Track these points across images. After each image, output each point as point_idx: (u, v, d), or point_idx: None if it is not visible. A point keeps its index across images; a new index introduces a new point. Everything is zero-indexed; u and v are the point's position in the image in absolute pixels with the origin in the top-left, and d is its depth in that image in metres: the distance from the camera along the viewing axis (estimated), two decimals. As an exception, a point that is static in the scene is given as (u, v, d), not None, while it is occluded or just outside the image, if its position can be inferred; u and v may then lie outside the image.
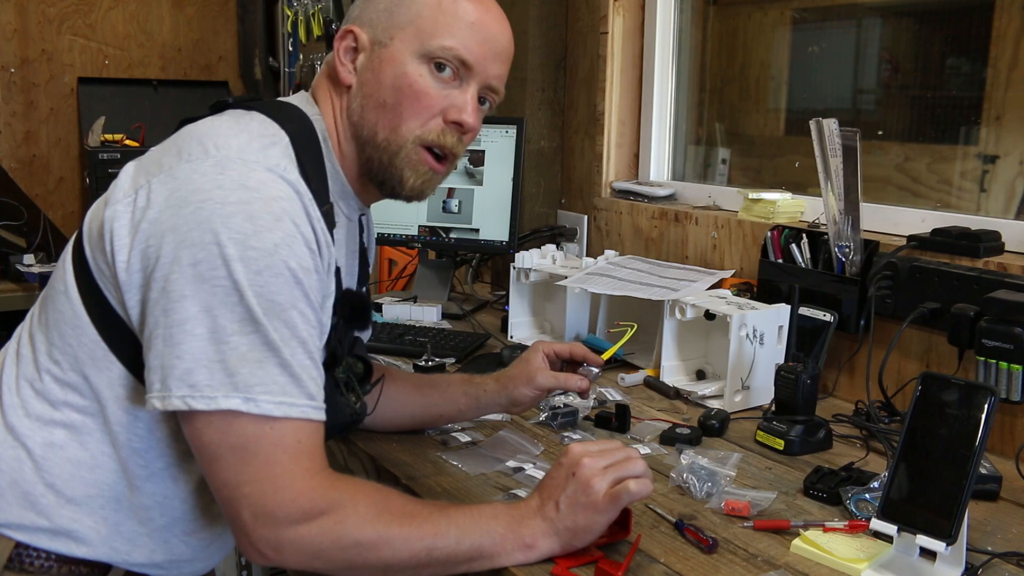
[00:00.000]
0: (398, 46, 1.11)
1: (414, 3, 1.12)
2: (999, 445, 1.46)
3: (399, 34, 1.11)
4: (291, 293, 0.96)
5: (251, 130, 1.03)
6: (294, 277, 0.96)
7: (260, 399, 0.94)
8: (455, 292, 2.47)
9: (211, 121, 1.05)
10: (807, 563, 1.09)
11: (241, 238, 0.93)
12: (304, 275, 0.98)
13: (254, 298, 0.94)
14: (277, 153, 1.01)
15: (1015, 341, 1.35)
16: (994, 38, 1.82)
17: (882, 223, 1.79)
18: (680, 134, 2.42)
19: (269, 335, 0.94)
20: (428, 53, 1.10)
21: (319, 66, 3.85)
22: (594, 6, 2.36)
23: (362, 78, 1.13)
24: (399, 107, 1.11)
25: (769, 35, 2.40)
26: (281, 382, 0.95)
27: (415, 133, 1.12)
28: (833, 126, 1.58)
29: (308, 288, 0.98)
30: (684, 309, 1.69)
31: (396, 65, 1.11)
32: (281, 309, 0.95)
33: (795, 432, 1.44)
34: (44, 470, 1.04)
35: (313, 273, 0.99)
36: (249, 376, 0.94)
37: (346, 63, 1.13)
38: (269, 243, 0.94)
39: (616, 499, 1.03)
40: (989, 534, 1.19)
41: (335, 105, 1.15)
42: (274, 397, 0.95)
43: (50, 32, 4.01)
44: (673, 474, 1.30)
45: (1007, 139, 1.84)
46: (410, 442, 1.44)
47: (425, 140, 1.12)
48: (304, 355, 0.97)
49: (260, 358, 0.94)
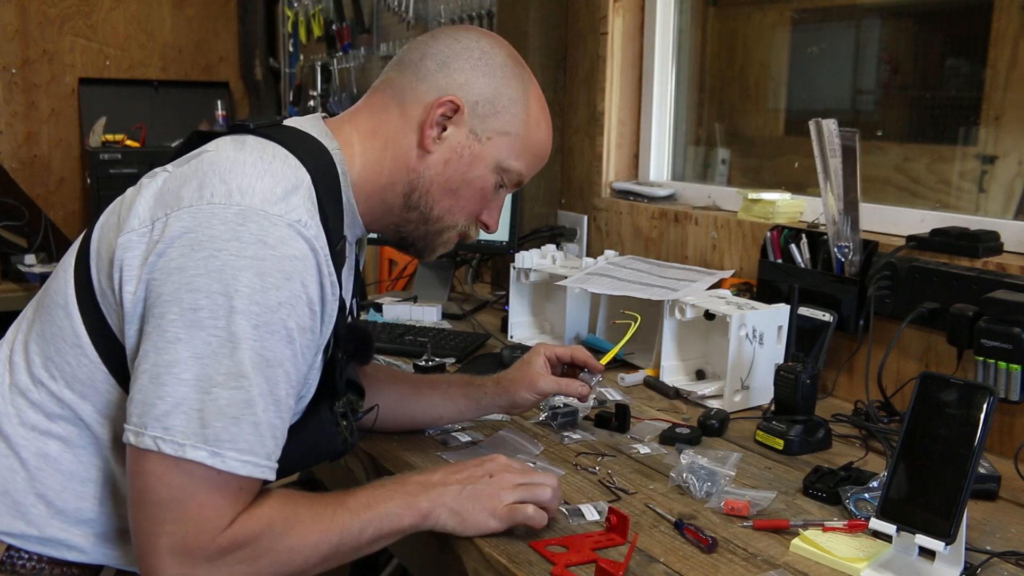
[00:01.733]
0: (491, 150, 1.17)
1: (517, 114, 1.17)
2: (998, 445, 1.46)
3: (497, 139, 1.17)
4: (282, 352, 0.98)
5: (275, 172, 1.02)
6: (289, 336, 0.98)
7: (227, 455, 0.95)
8: (455, 292, 2.47)
9: (234, 155, 1.03)
10: (806, 563, 1.09)
11: (248, 292, 0.95)
12: (300, 335, 0.99)
13: (247, 352, 0.95)
14: (299, 201, 1.01)
15: (1014, 341, 1.35)
16: (993, 39, 1.83)
17: (881, 223, 1.79)
18: (680, 134, 2.43)
19: (251, 391, 0.95)
20: (506, 169, 1.19)
21: (319, 66, 3.85)
22: (594, 6, 2.36)
23: (445, 155, 1.16)
24: (465, 200, 1.18)
25: (769, 35, 2.40)
26: (251, 440, 0.96)
27: (462, 222, 1.21)
28: (832, 126, 1.58)
29: (300, 348, 1.00)
30: (684, 309, 1.69)
31: (482, 167, 1.17)
32: (268, 366, 0.96)
33: (794, 432, 1.44)
34: (37, 480, 1.04)
35: (308, 332, 1.01)
36: (222, 431, 0.94)
37: (435, 130, 1.15)
38: (274, 301, 0.96)
39: (512, 514, 1.12)
40: (988, 533, 1.19)
41: (377, 147, 1.16)
42: (241, 455, 0.96)
43: (51, 33, 4.01)
44: (673, 474, 1.30)
45: (1006, 139, 1.85)
46: (410, 442, 1.44)
47: (463, 232, 1.23)
48: (276, 415, 0.98)
49: (237, 414, 0.95)
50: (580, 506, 1.21)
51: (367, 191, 1.16)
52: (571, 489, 1.28)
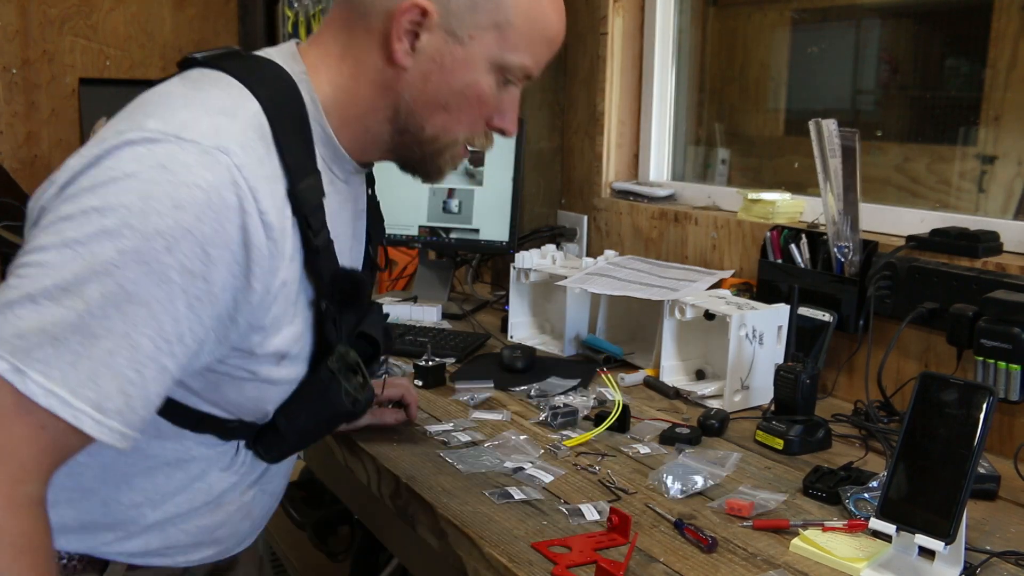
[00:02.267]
0: (476, 50, 1.00)
1: (503, 4, 1.00)
2: (997, 445, 1.47)
3: (480, 36, 1.00)
4: (150, 290, 0.83)
5: (207, 103, 0.91)
6: (163, 275, 0.83)
7: (31, 375, 0.79)
8: (455, 292, 2.47)
9: (167, 88, 0.95)
10: (806, 562, 1.09)
11: (124, 213, 0.82)
12: (181, 277, 0.84)
13: (101, 276, 0.81)
14: (231, 128, 0.90)
15: (1013, 341, 1.35)
16: (993, 39, 1.83)
17: (881, 223, 1.79)
18: (680, 134, 2.43)
19: (89, 320, 0.81)
20: (504, 66, 1.02)
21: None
22: (594, 6, 2.36)
23: (423, 68, 1.00)
24: (459, 112, 1.03)
25: (769, 36, 2.40)
26: (69, 373, 0.80)
27: (465, 135, 1.06)
28: (832, 127, 1.58)
29: (186, 296, 0.85)
30: (684, 309, 1.69)
31: (471, 73, 1.01)
32: (127, 302, 0.82)
33: (794, 432, 1.44)
34: None
35: (199, 280, 0.86)
36: (36, 347, 0.80)
37: (405, 42, 0.99)
38: (151, 229, 0.82)
39: None
40: (988, 533, 1.19)
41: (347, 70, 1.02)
42: (48, 382, 0.80)
43: (51, 33, 4.02)
44: (651, 473, 1.31)
45: (1006, 140, 1.85)
46: (410, 442, 1.44)
47: (471, 143, 1.08)
48: (129, 364, 0.83)
49: (60, 336, 0.80)
50: (580, 506, 1.21)
51: (346, 120, 1.03)
52: (571, 489, 1.28)
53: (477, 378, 1.71)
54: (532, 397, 1.65)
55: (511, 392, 1.69)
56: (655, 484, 1.29)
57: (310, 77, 1.01)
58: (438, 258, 2.42)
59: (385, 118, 1.04)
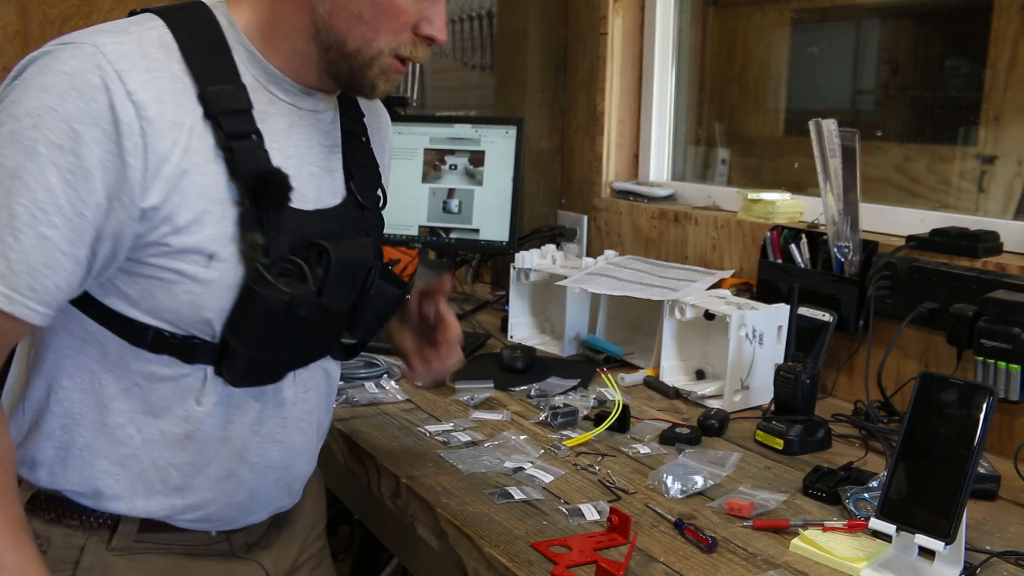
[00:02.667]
0: None
1: None
2: (997, 445, 1.47)
3: None
4: (21, 163, 0.92)
5: (116, 24, 1.01)
6: (31, 149, 0.92)
7: None
8: (455, 292, 2.48)
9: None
10: (806, 562, 1.09)
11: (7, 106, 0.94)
12: (48, 150, 0.92)
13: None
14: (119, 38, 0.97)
15: (1013, 341, 1.36)
16: (993, 39, 1.83)
17: (881, 223, 1.79)
18: (680, 134, 2.43)
19: None
20: None
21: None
22: (594, 7, 2.36)
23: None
24: (375, 22, 1.04)
25: (768, 36, 2.40)
26: None
27: (389, 46, 1.06)
28: (832, 127, 1.59)
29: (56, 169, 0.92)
30: (684, 309, 1.69)
31: None
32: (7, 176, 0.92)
33: (794, 432, 1.44)
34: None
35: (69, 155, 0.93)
36: None
37: None
38: (22, 111, 0.93)
39: None
40: (988, 533, 1.19)
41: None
42: None
43: (52, 33, 4.01)
44: (651, 472, 1.31)
45: (1005, 140, 1.85)
46: (410, 442, 1.44)
47: (398, 52, 1.07)
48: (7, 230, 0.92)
49: None
50: (580, 506, 1.21)
51: (271, 42, 1.06)
52: (571, 489, 1.28)
53: (477, 378, 1.71)
54: (532, 397, 1.65)
55: (511, 392, 1.69)
56: (655, 484, 1.29)
57: (230, 6, 1.07)
58: (438, 258, 2.42)
59: (309, 36, 1.06)
